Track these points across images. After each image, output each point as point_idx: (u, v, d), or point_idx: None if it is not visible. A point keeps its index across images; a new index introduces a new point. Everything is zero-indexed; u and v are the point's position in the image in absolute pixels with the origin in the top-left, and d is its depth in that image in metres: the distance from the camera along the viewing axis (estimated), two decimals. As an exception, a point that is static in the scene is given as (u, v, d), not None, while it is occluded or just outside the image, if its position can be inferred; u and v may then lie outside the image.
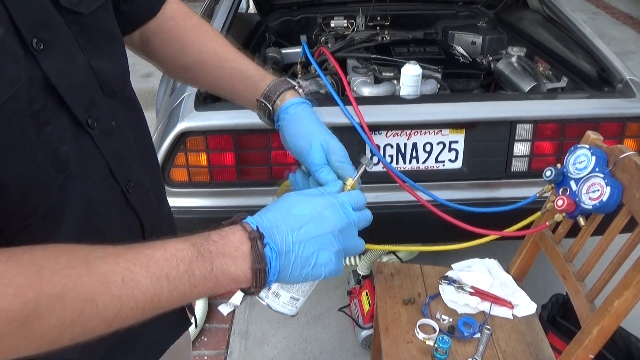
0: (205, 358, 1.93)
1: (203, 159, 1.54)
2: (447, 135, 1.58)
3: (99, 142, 0.60)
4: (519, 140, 1.57)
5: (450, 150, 1.60)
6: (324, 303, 2.13)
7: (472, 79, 1.92)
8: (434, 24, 2.50)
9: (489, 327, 1.32)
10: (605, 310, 1.07)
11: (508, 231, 1.48)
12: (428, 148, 1.59)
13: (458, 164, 1.62)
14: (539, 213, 1.36)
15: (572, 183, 1.16)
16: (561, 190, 1.19)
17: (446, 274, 1.47)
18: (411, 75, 1.65)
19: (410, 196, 1.51)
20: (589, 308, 1.15)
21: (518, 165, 1.61)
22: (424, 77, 1.73)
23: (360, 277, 2.01)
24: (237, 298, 2.12)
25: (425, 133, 1.57)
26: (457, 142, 1.59)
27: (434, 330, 1.33)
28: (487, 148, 1.59)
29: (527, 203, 1.37)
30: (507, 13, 2.46)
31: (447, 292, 1.42)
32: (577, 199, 1.14)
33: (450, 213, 1.45)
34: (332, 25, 2.32)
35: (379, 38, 2.16)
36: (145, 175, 0.70)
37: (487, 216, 1.45)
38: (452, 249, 1.56)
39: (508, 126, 1.56)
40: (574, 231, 1.24)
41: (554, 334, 1.65)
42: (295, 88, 0.76)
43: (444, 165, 1.62)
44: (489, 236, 1.47)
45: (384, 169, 1.55)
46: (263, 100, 0.75)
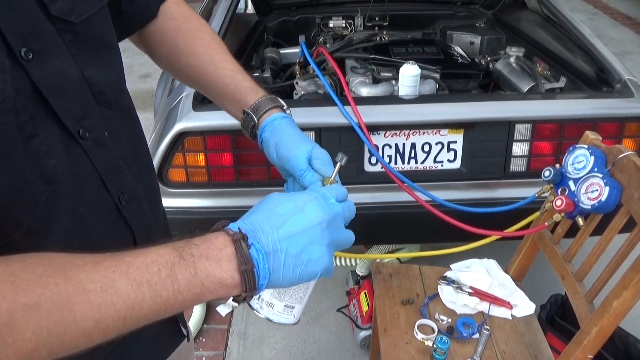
0: (203, 359, 1.92)
1: (201, 160, 1.54)
2: (446, 135, 1.58)
3: (91, 153, 0.58)
4: (518, 140, 1.57)
5: (448, 150, 1.60)
6: (323, 304, 2.13)
7: (471, 79, 1.92)
8: (433, 24, 2.50)
9: (488, 328, 1.32)
10: (604, 310, 1.07)
11: (507, 231, 1.48)
12: (427, 148, 1.59)
13: (457, 164, 1.62)
14: (538, 213, 1.36)
15: (571, 183, 1.16)
16: (560, 190, 1.19)
17: (445, 275, 1.47)
18: (410, 75, 1.65)
19: (408, 196, 1.50)
20: (588, 308, 1.15)
21: (517, 165, 1.61)
22: (423, 77, 1.73)
23: (358, 278, 2.01)
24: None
25: (423, 133, 1.57)
26: (456, 143, 1.59)
27: (433, 330, 1.32)
28: (486, 148, 1.59)
29: (526, 203, 1.37)
30: (506, 13, 2.46)
31: (446, 293, 1.42)
32: (576, 199, 1.14)
33: (449, 213, 1.45)
34: (331, 25, 2.32)
35: (378, 38, 2.16)
36: (139, 185, 0.69)
37: (486, 216, 1.45)
38: (451, 253, 1.56)
39: (507, 126, 1.56)
40: (573, 231, 1.24)
41: (553, 334, 1.65)
42: (283, 107, 0.75)
43: (443, 165, 1.62)
44: (488, 238, 1.47)
45: (383, 170, 1.55)
46: (251, 112, 0.74)
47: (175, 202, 1.58)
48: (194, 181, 1.57)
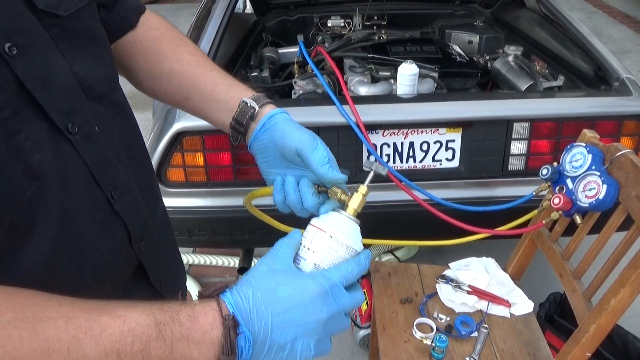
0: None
1: (199, 159, 1.54)
2: (444, 134, 1.58)
3: (80, 148, 0.58)
4: (516, 139, 1.58)
5: (447, 149, 1.60)
6: (322, 303, 2.13)
7: (469, 78, 1.93)
8: (431, 23, 2.51)
9: (487, 326, 1.32)
10: (602, 308, 1.07)
11: (505, 230, 1.48)
12: (425, 147, 1.59)
13: (455, 163, 1.62)
14: (536, 211, 1.36)
15: (569, 181, 1.16)
16: (558, 188, 1.19)
17: (443, 273, 1.47)
18: (408, 74, 1.65)
19: (407, 195, 1.50)
20: (586, 306, 1.15)
21: (515, 163, 1.61)
22: (421, 76, 1.73)
23: (358, 277, 2.00)
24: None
25: (422, 132, 1.57)
26: (454, 141, 1.59)
27: (432, 329, 1.32)
28: (484, 147, 1.59)
29: (524, 201, 1.37)
30: (504, 12, 2.46)
31: (445, 291, 1.42)
32: (574, 197, 1.14)
33: (447, 212, 1.45)
34: (329, 24, 2.32)
35: (376, 37, 2.16)
36: (133, 180, 0.68)
37: (484, 215, 1.45)
38: (447, 244, 1.55)
39: (505, 125, 1.56)
40: (571, 229, 1.24)
41: (552, 333, 1.65)
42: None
43: (441, 164, 1.62)
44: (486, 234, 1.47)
45: (381, 168, 1.55)
46: (251, 100, 0.71)
47: (174, 202, 1.59)
48: (193, 181, 1.57)
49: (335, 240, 0.58)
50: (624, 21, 5.18)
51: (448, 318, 1.36)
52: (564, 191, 1.17)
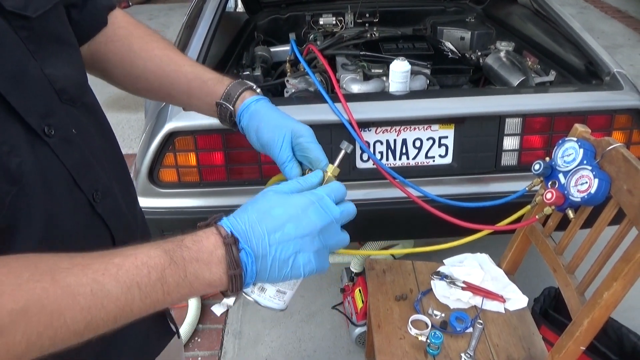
0: (199, 359, 1.92)
1: (192, 159, 1.53)
2: (437, 130, 1.58)
3: (59, 151, 0.58)
4: (509, 134, 1.58)
5: (440, 145, 1.60)
6: (318, 301, 2.13)
7: (461, 75, 1.92)
8: (423, 20, 2.51)
9: (481, 322, 1.32)
10: (595, 302, 1.07)
11: (498, 225, 1.48)
12: (418, 144, 1.59)
13: (448, 160, 1.62)
14: (529, 207, 1.37)
15: (561, 176, 1.17)
16: (550, 183, 1.20)
17: (438, 270, 1.47)
18: (400, 71, 1.65)
19: (400, 192, 1.51)
20: (579, 300, 1.15)
21: (508, 159, 1.61)
22: (413, 73, 1.73)
23: (353, 275, 2.01)
24: (231, 298, 2.11)
25: (414, 129, 1.57)
26: (447, 138, 1.59)
27: (427, 325, 1.33)
28: (477, 143, 1.59)
29: (517, 197, 1.37)
30: (496, 8, 2.46)
31: (439, 288, 1.42)
32: (566, 192, 1.14)
33: (440, 208, 1.45)
34: (321, 22, 2.32)
35: (368, 35, 2.16)
36: (113, 182, 0.68)
37: (478, 211, 1.45)
38: (443, 248, 1.56)
39: (497, 121, 1.56)
40: (564, 224, 1.25)
41: (547, 327, 1.66)
42: (253, 88, 0.75)
43: (434, 160, 1.62)
44: (480, 233, 1.47)
45: (374, 166, 1.55)
46: (224, 102, 0.74)
47: (166, 203, 1.58)
48: (186, 181, 1.56)
49: None
50: (615, 16, 5.20)
51: (443, 314, 1.36)
52: (557, 186, 1.17)
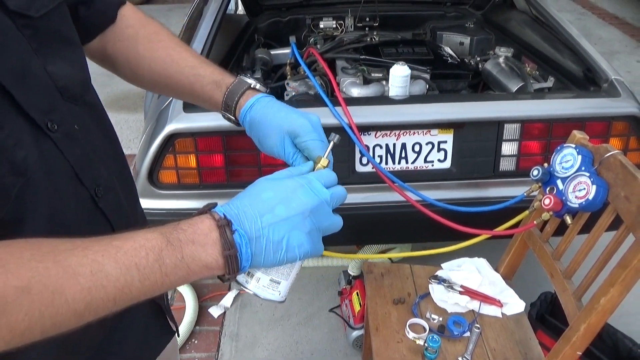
0: (196, 360, 1.92)
1: (192, 161, 1.54)
2: (436, 135, 1.59)
3: (62, 146, 0.59)
4: (507, 140, 1.59)
5: (439, 150, 1.61)
6: (315, 304, 2.13)
7: (461, 80, 1.94)
8: (423, 25, 2.51)
9: (479, 326, 1.33)
10: (592, 307, 1.08)
11: (497, 230, 1.49)
12: (417, 148, 1.60)
13: (447, 164, 1.63)
14: (527, 212, 1.38)
15: (559, 182, 1.18)
16: (548, 189, 1.20)
17: (436, 274, 1.48)
18: (400, 75, 1.66)
19: (399, 196, 1.51)
20: (576, 306, 1.16)
21: (506, 164, 1.62)
22: (413, 78, 1.74)
23: (350, 278, 2.01)
24: (228, 300, 2.11)
25: (414, 133, 1.58)
26: (446, 142, 1.60)
27: (424, 329, 1.33)
28: (476, 148, 1.60)
29: (515, 202, 1.38)
30: (495, 14, 2.48)
31: (437, 292, 1.43)
32: (564, 198, 1.15)
33: (439, 213, 1.46)
34: (321, 26, 2.32)
35: (368, 39, 2.16)
36: (115, 179, 0.69)
37: (476, 215, 1.46)
38: (441, 253, 1.57)
39: (496, 126, 1.57)
40: (561, 230, 1.25)
41: (543, 332, 1.66)
42: (251, 87, 0.75)
43: (433, 165, 1.63)
44: (478, 237, 1.48)
45: (374, 170, 1.56)
46: (224, 112, 0.75)
47: (166, 204, 1.58)
48: (185, 183, 1.57)
49: None
50: (613, 22, 5.23)
51: (440, 318, 1.36)
52: (555, 192, 1.18)
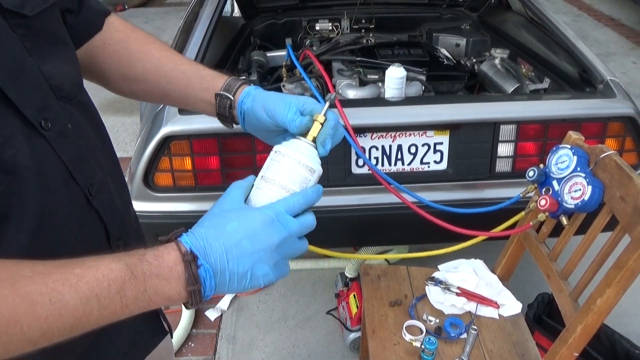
0: (192, 364, 1.91)
1: (188, 163, 1.53)
2: (432, 136, 1.59)
3: (55, 145, 0.59)
4: (503, 141, 1.59)
5: (435, 151, 1.61)
6: (312, 306, 2.13)
7: (456, 81, 1.94)
8: (419, 27, 2.52)
9: (475, 328, 1.32)
10: (588, 308, 1.08)
11: (493, 231, 1.49)
12: (413, 150, 1.60)
13: (443, 166, 1.63)
14: (523, 213, 1.38)
15: (555, 183, 1.18)
16: (544, 190, 1.20)
17: (432, 275, 1.48)
18: (395, 77, 1.66)
19: (395, 198, 1.51)
20: (573, 306, 1.16)
21: (502, 166, 1.62)
22: (409, 79, 1.74)
23: (347, 280, 2.01)
24: (225, 303, 2.10)
25: (410, 135, 1.58)
26: (442, 144, 1.60)
27: (421, 331, 1.33)
28: (472, 149, 1.60)
29: (511, 203, 1.38)
30: (491, 15, 2.48)
31: (434, 293, 1.42)
32: (560, 199, 1.15)
33: (435, 214, 1.45)
34: (317, 28, 2.33)
35: (364, 41, 2.17)
36: (109, 178, 0.69)
37: (472, 217, 1.46)
38: (438, 254, 1.57)
39: (492, 127, 1.57)
40: (558, 231, 1.25)
41: (540, 333, 1.66)
42: (251, 84, 0.76)
43: (429, 166, 1.63)
44: (475, 238, 1.48)
45: (370, 172, 1.56)
46: (224, 92, 0.75)
47: (161, 207, 1.58)
48: (181, 185, 1.56)
49: (287, 156, 0.65)
50: (609, 24, 5.24)
51: (437, 320, 1.36)
52: (550, 193, 1.18)
